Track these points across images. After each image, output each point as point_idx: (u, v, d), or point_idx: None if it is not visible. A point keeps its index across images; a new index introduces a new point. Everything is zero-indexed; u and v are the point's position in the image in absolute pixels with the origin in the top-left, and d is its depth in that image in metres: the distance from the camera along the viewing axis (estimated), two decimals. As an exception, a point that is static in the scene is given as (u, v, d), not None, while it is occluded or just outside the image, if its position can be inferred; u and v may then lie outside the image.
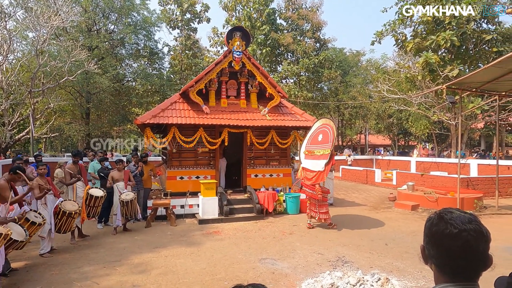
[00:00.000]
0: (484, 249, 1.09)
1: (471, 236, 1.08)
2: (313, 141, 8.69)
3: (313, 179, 8.05)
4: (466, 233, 1.08)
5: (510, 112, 21.06)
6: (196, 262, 5.78)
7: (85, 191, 7.10)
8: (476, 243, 1.08)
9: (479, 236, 1.08)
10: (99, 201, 7.17)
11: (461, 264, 1.10)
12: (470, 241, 1.07)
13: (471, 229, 1.08)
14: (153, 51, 26.52)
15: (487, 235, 1.10)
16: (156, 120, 9.19)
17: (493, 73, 8.75)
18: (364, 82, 29.72)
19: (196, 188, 9.59)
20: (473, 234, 1.08)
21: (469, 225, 1.09)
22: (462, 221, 1.10)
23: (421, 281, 4.85)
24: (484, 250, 1.09)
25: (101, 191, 7.30)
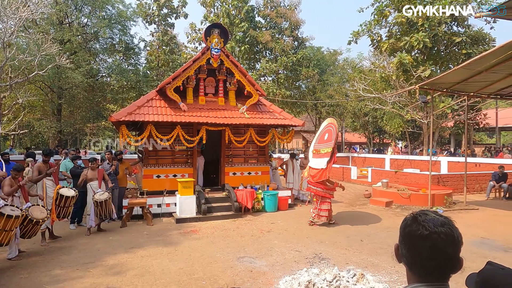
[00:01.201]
0: (453, 252, 1.12)
1: (440, 238, 1.10)
2: (320, 140, 8.89)
3: (316, 177, 8.23)
4: (436, 236, 1.11)
5: (478, 112, 22.05)
6: (173, 261, 5.71)
7: (55, 191, 6.83)
8: (445, 246, 1.10)
9: (449, 240, 1.11)
10: (69, 201, 6.90)
11: (429, 265, 1.12)
12: (439, 243, 1.10)
13: (442, 232, 1.11)
14: (128, 46, 25.85)
15: (458, 239, 1.13)
16: (132, 117, 8.97)
17: (462, 74, 9.12)
18: (341, 81, 30.20)
19: (174, 186, 9.46)
20: (443, 237, 1.11)
21: (440, 228, 1.12)
22: (434, 223, 1.13)
23: (394, 276, 5.01)
24: (453, 253, 1.12)
25: (72, 191, 7.03)
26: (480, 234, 7.42)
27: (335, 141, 8.24)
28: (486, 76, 9.12)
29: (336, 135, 8.32)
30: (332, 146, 8.16)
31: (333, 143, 8.19)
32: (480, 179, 13.66)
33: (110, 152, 9.33)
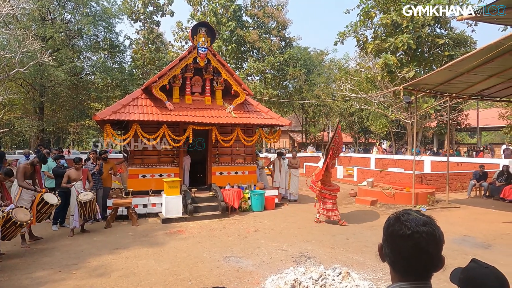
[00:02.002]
0: (435, 251, 1.13)
1: (422, 238, 1.12)
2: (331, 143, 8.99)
3: (315, 176, 8.45)
4: (418, 235, 1.12)
5: (460, 112, 22.59)
6: (159, 262, 5.65)
7: (39, 195, 6.64)
8: (426, 245, 1.12)
9: (430, 239, 1.12)
10: (50, 209, 6.76)
11: (412, 263, 1.14)
12: (421, 242, 1.12)
13: (423, 231, 1.13)
14: (113, 44, 25.41)
15: (439, 238, 1.15)
16: (116, 116, 8.83)
17: (445, 75, 9.33)
18: (327, 81, 30.49)
19: (159, 186, 9.36)
20: (425, 236, 1.12)
21: (422, 228, 1.13)
22: (416, 223, 1.15)
23: (379, 273, 5.08)
24: (434, 252, 1.13)
25: (56, 199, 6.83)
26: (462, 232, 7.61)
27: (332, 141, 8.39)
28: (468, 78, 9.35)
29: (335, 135, 8.46)
30: (328, 147, 8.34)
31: (329, 144, 8.38)
32: (461, 178, 14.01)
33: (94, 151, 9.17)
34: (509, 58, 8.04)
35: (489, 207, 10.55)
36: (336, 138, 8.48)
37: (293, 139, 42.18)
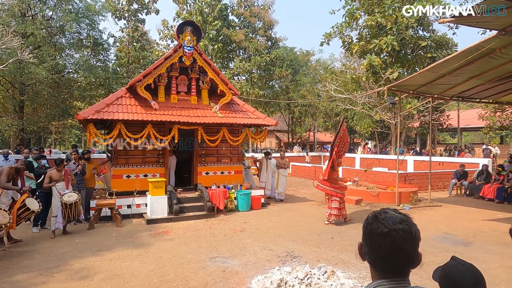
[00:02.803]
0: (411, 248, 1.16)
1: (399, 235, 1.15)
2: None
3: (322, 175, 8.51)
4: (395, 233, 1.15)
5: (442, 113, 23.13)
6: (144, 264, 5.57)
7: (21, 199, 6.45)
8: (403, 242, 1.15)
9: (406, 236, 1.15)
10: (30, 214, 6.58)
11: (390, 261, 1.17)
12: (398, 240, 1.14)
13: (400, 229, 1.15)
14: (97, 42, 24.91)
15: (415, 235, 1.17)
16: (100, 115, 8.66)
17: (427, 77, 9.53)
18: (313, 81, 30.72)
19: (144, 186, 9.24)
20: (401, 233, 1.15)
21: (399, 225, 1.16)
22: (393, 221, 1.17)
23: (363, 272, 5.15)
24: (411, 249, 1.16)
25: (37, 205, 6.65)
26: (443, 230, 7.79)
27: (337, 138, 8.45)
28: (449, 79, 9.58)
29: (339, 132, 8.51)
30: (332, 145, 8.45)
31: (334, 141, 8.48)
32: (443, 177, 14.35)
33: (76, 151, 8.97)
34: (488, 60, 8.28)
35: (469, 205, 10.84)
36: (341, 135, 8.52)
37: (280, 139, 42.33)
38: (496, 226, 8.05)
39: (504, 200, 11.10)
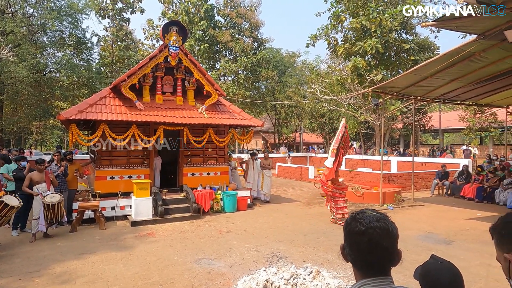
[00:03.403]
0: (389, 245, 1.19)
1: (376, 233, 1.18)
2: (336, 140, 8.94)
3: (325, 176, 8.49)
4: (372, 230, 1.18)
5: (424, 115, 23.64)
6: (128, 266, 5.48)
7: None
8: (380, 239, 1.18)
9: (384, 233, 1.18)
10: (10, 212, 6.37)
11: (369, 259, 1.19)
12: (375, 237, 1.17)
13: (377, 226, 1.19)
14: (80, 41, 24.44)
15: (392, 232, 1.20)
16: (83, 115, 8.49)
17: (410, 79, 9.73)
18: (299, 82, 30.95)
19: (129, 188, 9.09)
20: (379, 231, 1.18)
21: (376, 223, 1.19)
22: (370, 219, 1.21)
23: (348, 271, 5.21)
24: (389, 246, 1.19)
25: (16, 200, 6.45)
26: (426, 229, 7.96)
27: (340, 140, 8.48)
28: (431, 82, 9.81)
29: (341, 133, 8.53)
30: (336, 146, 8.42)
31: (337, 142, 8.49)
32: (425, 178, 14.66)
33: (58, 152, 8.76)
34: (468, 63, 8.52)
35: (451, 204, 11.11)
36: (345, 137, 8.58)
37: (266, 140, 42.42)
38: (476, 225, 8.28)
39: (484, 200, 11.42)
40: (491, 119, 22.84)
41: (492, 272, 5.15)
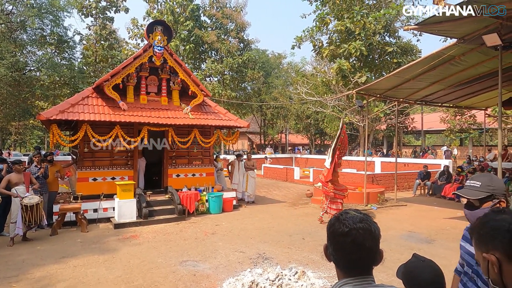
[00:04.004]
0: (372, 245, 1.21)
1: (359, 234, 1.19)
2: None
3: (324, 177, 8.49)
4: (355, 231, 1.19)
5: (407, 116, 24.13)
6: (111, 270, 5.38)
7: None
8: (363, 240, 1.19)
9: (366, 234, 1.20)
10: None
11: (352, 259, 1.21)
12: (358, 238, 1.19)
13: (360, 227, 1.20)
14: (62, 39, 23.86)
15: (375, 233, 1.22)
16: (64, 116, 8.29)
17: (393, 81, 9.92)
18: (285, 84, 31.11)
19: (112, 190, 8.93)
20: (362, 232, 1.19)
21: (359, 224, 1.21)
22: (353, 220, 1.22)
23: (332, 271, 5.25)
24: (371, 246, 1.20)
25: None
26: (408, 228, 8.12)
27: (336, 141, 8.49)
28: (413, 84, 10.02)
29: (340, 135, 8.53)
30: (333, 147, 8.44)
31: (334, 143, 8.51)
32: (408, 178, 14.95)
33: (39, 153, 8.53)
34: (449, 67, 8.74)
35: (432, 204, 11.36)
36: (342, 138, 8.58)
37: (252, 141, 42.45)
38: (456, 224, 8.49)
39: (463, 199, 11.73)
40: (470, 121, 23.50)
41: (471, 270, 5.29)
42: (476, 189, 1.77)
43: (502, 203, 1.74)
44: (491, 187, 1.75)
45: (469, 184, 1.82)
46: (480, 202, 1.76)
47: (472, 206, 1.80)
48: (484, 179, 1.79)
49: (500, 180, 1.81)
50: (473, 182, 1.81)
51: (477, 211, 1.76)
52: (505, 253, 1.10)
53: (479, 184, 1.77)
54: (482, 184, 1.77)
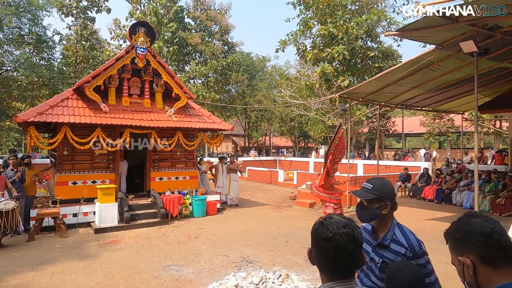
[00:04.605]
0: (354, 251, 1.23)
1: (343, 239, 1.22)
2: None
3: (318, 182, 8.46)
4: (339, 237, 1.22)
5: (388, 120, 24.62)
6: (91, 276, 5.24)
7: None
8: (346, 245, 1.22)
9: (349, 239, 1.23)
10: None
11: (335, 263, 1.24)
12: (342, 243, 1.21)
13: (343, 233, 1.23)
14: (40, 39, 23.22)
15: (358, 238, 1.25)
16: (42, 118, 8.06)
17: (375, 86, 10.12)
18: (269, 86, 31.24)
19: (93, 194, 8.72)
20: (345, 237, 1.22)
21: (343, 229, 1.24)
22: (337, 226, 1.25)
23: (316, 274, 5.29)
24: (354, 251, 1.23)
25: None
26: (389, 230, 8.25)
27: (330, 146, 8.44)
28: (394, 88, 10.25)
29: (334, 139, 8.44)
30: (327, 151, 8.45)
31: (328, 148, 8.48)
32: (390, 180, 15.21)
33: (15, 156, 8.25)
34: (428, 72, 8.99)
35: (412, 206, 11.61)
36: (336, 142, 8.46)
37: (236, 143, 42.36)
38: (435, 225, 8.71)
39: (442, 201, 12.05)
40: (448, 124, 24.20)
41: (450, 270, 5.43)
42: (368, 191, 1.90)
43: (387, 206, 1.88)
44: (380, 191, 1.88)
45: (364, 185, 1.94)
46: (368, 203, 1.90)
47: (362, 206, 1.94)
48: (376, 183, 1.92)
49: (390, 185, 1.96)
50: (367, 184, 1.93)
51: (366, 211, 1.91)
52: (479, 256, 1.13)
53: (371, 187, 1.90)
54: (373, 187, 1.90)
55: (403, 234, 1.93)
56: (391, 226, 1.95)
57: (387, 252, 1.88)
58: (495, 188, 10.61)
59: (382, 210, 1.89)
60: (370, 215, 1.91)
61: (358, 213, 1.99)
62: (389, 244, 1.89)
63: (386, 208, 1.90)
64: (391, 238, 1.90)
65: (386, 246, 1.89)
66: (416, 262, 1.79)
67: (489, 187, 10.80)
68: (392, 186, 1.99)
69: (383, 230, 1.95)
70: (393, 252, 1.86)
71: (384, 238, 1.91)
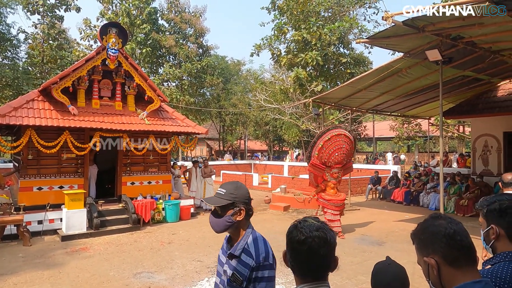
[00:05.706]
0: (327, 253, 1.26)
1: (314, 242, 1.24)
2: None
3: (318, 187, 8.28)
4: (311, 239, 1.25)
5: (360, 124, 25.31)
6: (57, 286, 5.02)
7: None
8: (318, 247, 1.24)
9: (321, 242, 1.25)
10: None
11: (308, 266, 1.26)
12: (314, 246, 1.24)
13: (316, 236, 1.25)
14: (4, 37, 22.14)
15: (330, 241, 1.28)
16: (5, 120, 7.65)
17: (346, 91, 10.40)
18: (244, 90, 31.32)
19: (60, 199, 8.35)
20: (317, 240, 1.25)
21: (315, 232, 1.26)
22: (310, 229, 1.27)
23: (290, 277, 5.32)
24: (325, 254, 1.26)
25: None
26: (361, 232, 8.47)
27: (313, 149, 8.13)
28: (365, 94, 10.57)
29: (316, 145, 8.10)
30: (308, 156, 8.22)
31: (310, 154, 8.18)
32: (361, 183, 15.64)
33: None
34: (397, 78, 9.35)
35: (383, 208, 11.98)
36: (319, 147, 7.95)
37: (211, 147, 42.06)
38: (404, 226, 9.02)
39: (410, 202, 12.50)
40: (416, 129, 25.21)
41: (417, 269, 5.63)
42: (221, 196, 1.76)
43: (242, 211, 1.75)
44: (233, 195, 1.74)
45: (218, 191, 1.81)
46: (222, 210, 1.76)
47: (216, 214, 1.79)
48: (229, 187, 1.79)
49: (244, 188, 1.83)
50: (220, 190, 1.80)
51: (220, 219, 1.77)
52: (443, 257, 1.18)
53: (224, 192, 1.77)
54: (226, 191, 1.76)
55: (254, 243, 1.74)
56: (244, 235, 1.78)
57: (237, 264, 1.70)
58: (459, 190, 11.14)
59: (236, 217, 1.74)
60: (224, 223, 1.76)
61: (211, 222, 1.82)
62: (240, 254, 1.71)
63: (241, 214, 1.74)
64: (243, 248, 1.73)
65: (237, 256, 1.72)
66: (256, 275, 1.64)
67: (453, 189, 11.33)
68: (247, 190, 1.84)
69: (236, 239, 1.81)
70: (243, 264, 1.69)
71: (235, 248, 1.75)
